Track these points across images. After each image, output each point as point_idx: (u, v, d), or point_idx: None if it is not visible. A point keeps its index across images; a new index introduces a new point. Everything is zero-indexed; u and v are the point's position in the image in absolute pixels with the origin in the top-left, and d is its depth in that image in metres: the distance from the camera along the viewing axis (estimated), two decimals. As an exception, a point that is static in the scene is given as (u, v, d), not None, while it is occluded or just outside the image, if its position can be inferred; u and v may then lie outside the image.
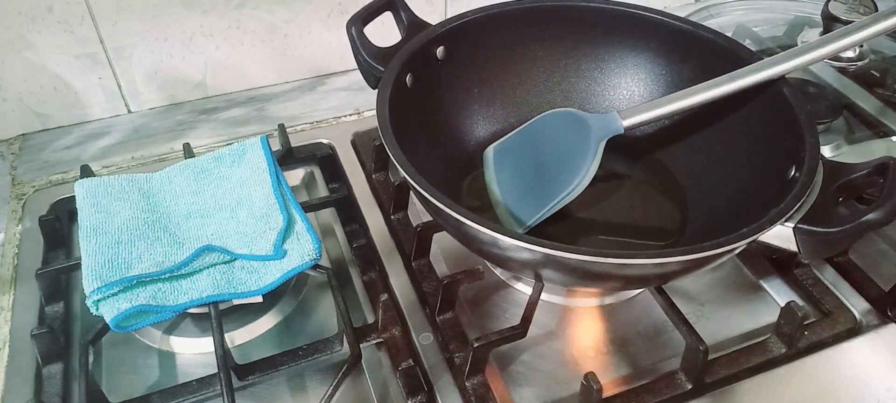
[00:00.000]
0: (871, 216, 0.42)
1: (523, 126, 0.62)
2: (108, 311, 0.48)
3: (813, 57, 0.55)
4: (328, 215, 0.66)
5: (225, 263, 0.54)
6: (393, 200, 0.63)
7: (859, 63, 0.81)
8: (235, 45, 0.78)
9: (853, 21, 0.77)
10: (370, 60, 0.57)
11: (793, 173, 0.49)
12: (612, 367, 0.53)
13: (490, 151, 0.63)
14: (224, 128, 0.76)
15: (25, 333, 0.52)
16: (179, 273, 0.52)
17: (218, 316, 0.51)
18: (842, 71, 0.81)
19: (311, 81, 0.84)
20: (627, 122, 0.57)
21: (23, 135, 0.75)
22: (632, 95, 0.66)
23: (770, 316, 0.56)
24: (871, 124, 0.74)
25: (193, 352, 0.55)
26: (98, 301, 0.49)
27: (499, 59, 0.65)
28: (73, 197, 0.57)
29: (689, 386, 0.50)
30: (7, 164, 0.72)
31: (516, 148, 0.62)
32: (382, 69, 0.56)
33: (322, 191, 0.69)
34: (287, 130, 0.70)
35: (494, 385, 0.50)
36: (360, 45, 0.58)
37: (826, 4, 0.81)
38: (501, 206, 0.59)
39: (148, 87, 0.78)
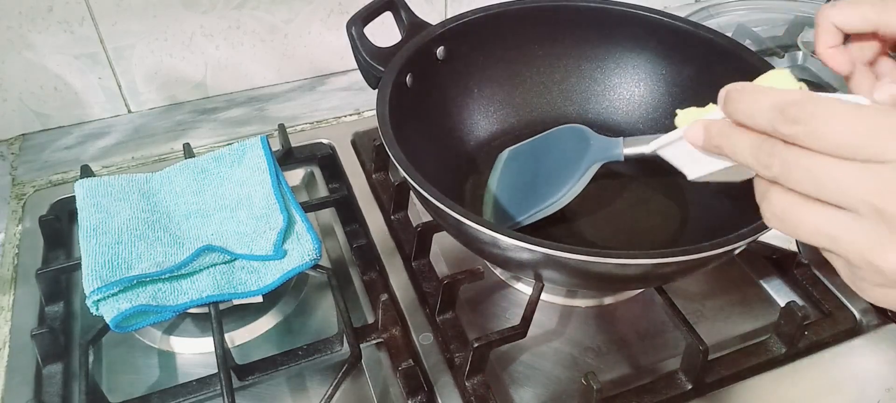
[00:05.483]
0: (871, 216, 0.42)
1: (541, 134, 0.62)
2: (109, 311, 0.48)
3: None
4: (328, 215, 0.67)
5: (225, 263, 0.54)
6: (393, 200, 0.63)
7: (859, 63, 0.81)
8: (235, 45, 0.78)
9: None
10: (370, 60, 0.57)
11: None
12: (612, 367, 0.53)
13: (504, 154, 0.63)
14: (224, 128, 0.76)
15: (25, 333, 0.52)
16: (179, 273, 0.52)
17: (218, 316, 0.51)
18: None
19: (311, 81, 0.84)
20: (628, 151, 0.55)
21: (23, 135, 0.75)
22: (632, 95, 0.66)
23: (770, 316, 0.56)
24: (871, 124, 0.74)
25: (193, 352, 0.55)
26: (98, 301, 0.49)
27: (499, 59, 0.65)
28: (73, 197, 0.57)
29: (689, 386, 0.50)
30: (7, 164, 0.72)
31: (526, 154, 0.62)
32: (382, 69, 0.56)
33: (322, 191, 0.69)
34: (287, 130, 0.70)
35: (494, 385, 0.50)
36: (360, 45, 0.57)
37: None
38: (489, 202, 0.59)
39: (148, 87, 0.78)
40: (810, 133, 0.27)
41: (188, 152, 0.67)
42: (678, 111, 0.39)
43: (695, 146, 0.34)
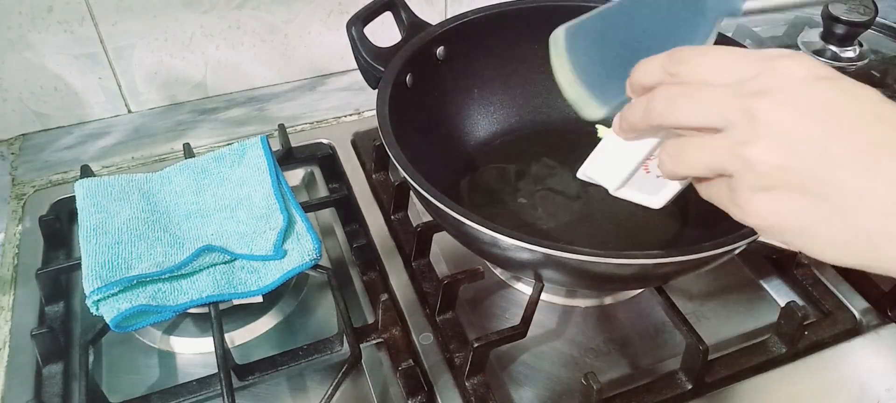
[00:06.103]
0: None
1: (605, 6, 0.49)
2: (109, 311, 0.48)
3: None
4: (328, 215, 0.67)
5: (225, 263, 0.54)
6: (393, 200, 0.63)
7: (859, 63, 0.81)
8: (235, 45, 0.78)
9: (853, 21, 0.77)
10: (370, 60, 0.57)
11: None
12: (612, 367, 0.53)
13: (560, 34, 0.49)
14: (224, 128, 0.76)
15: (25, 333, 0.52)
16: (179, 273, 0.52)
17: (218, 316, 0.51)
18: (841, 71, 0.81)
19: (311, 81, 0.84)
20: (749, 4, 0.43)
21: (23, 135, 0.75)
22: (632, 95, 0.66)
23: (770, 316, 0.56)
24: (871, 124, 0.74)
25: (193, 352, 0.55)
26: (98, 301, 0.49)
27: (499, 59, 0.65)
28: (73, 197, 0.57)
29: (689, 386, 0.50)
30: (7, 164, 0.72)
31: (600, 29, 0.49)
32: (382, 69, 0.56)
33: (322, 191, 0.69)
34: (287, 130, 0.70)
35: (494, 386, 0.50)
36: (360, 45, 0.58)
37: (826, 5, 0.81)
38: (575, 87, 0.48)
39: (148, 87, 0.78)
40: (691, 69, 0.33)
41: (188, 152, 0.67)
42: (598, 126, 0.42)
43: (615, 133, 0.39)
